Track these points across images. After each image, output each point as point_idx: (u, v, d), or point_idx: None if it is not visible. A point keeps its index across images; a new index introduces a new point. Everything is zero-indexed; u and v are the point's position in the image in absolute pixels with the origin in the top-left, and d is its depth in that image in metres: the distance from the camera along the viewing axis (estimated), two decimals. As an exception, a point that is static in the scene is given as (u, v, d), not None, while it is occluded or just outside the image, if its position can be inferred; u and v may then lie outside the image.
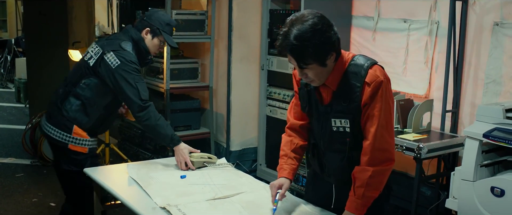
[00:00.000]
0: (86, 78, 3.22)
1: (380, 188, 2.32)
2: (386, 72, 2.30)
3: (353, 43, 4.94)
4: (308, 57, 2.16)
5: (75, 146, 3.24)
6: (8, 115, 8.42)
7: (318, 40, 2.13)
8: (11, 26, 14.90)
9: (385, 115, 2.25)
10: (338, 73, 2.28)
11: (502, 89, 3.89)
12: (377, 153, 2.27)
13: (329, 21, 2.22)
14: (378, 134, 2.25)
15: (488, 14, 3.95)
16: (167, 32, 3.28)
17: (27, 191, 5.07)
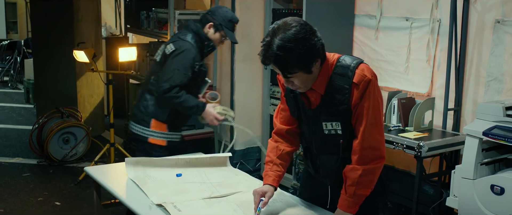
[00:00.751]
0: (155, 74, 3.53)
1: (371, 186, 2.32)
2: (372, 70, 2.29)
3: (356, 42, 4.94)
4: (293, 66, 2.13)
5: (155, 139, 3.49)
6: (17, 116, 8.50)
7: (301, 49, 2.10)
8: (22, 28, 15.03)
9: (373, 112, 2.25)
10: (324, 77, 2.26)
11: (503, 87, 3.87)
12: (367, 152, 2.27)
13: (312, 27, 2.19)
14: (367, 132, 2.25)
15: (490, 12, 3.93)
16: (229, 28, 3.54)
17: (33, 190, 5.12)
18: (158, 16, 5.61)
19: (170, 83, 3.33)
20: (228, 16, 3.53)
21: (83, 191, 5.07)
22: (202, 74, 3.55)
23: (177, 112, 3.48)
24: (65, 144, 5.94)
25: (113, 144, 5.39)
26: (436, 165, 4.26)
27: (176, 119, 3.55)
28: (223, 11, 3.56)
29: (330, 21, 4.75)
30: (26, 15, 14.03)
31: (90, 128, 6.12)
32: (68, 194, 5.03)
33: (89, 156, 5.94)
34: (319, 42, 2.18)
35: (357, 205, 2.31)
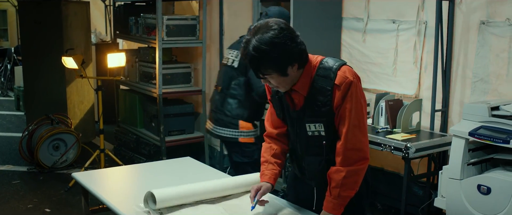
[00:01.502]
0: (235, 80, 3.78)
1: (355, 187, 2.34)
2: (355, 71, 2.31)
3: (344, 45, 4.96)
4: (266, 68, 2.19)
5: (245, 138, 3.79)
6: (8, 123, 8.47)
7: (276, 53, 2.14)
8: (12, 35, 15.00)
9: (356, 114, 2.26)
10: (307, 79, 2.28)
11: (489, 88, 3.90)
12: (350, 153, 2.29)
13: (293, 32, 2.21)
14: (350, 134, 2.27)
15: (475, 13, 3.96)
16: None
17: (23, 198, 5.10)
18: (147, 22, 5.62)
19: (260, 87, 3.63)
20: (280, 11, 3.77)
21: (73, 197, 5.06)
22: None
23: (257, 107, 3.80)
24: (55, 150, 5.93)
25: (103, 150, 5.39)
26: (425, 166, 4.28)
27: (255, 116, 3.87)
28: (275, 9, 3.81)
29: (317, 25, 4.77)
30: (16, 22, 14.00)
31: (80, 134, 6.11)
32: (58, 201, 5.02)
33: (79, 162, 5.93)
34: (298, 47, 2.20)
35: (342, 207, 2.32)
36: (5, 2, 14.50)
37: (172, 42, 5.44)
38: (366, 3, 4.71)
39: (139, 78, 5.92)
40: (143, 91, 5.76)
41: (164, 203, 2.51)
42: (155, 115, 5.58)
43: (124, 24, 6.17)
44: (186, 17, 5.51)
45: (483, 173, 3.38)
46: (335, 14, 4.91)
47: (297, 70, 2.25)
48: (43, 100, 6.84)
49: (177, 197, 2.56)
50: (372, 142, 3.92)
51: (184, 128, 5.65)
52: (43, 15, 6.72)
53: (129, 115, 6.24)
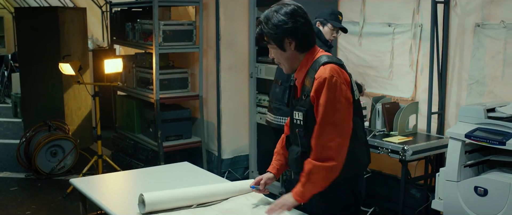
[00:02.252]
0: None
1: (319, 185, 2.37)
2: (344, 73, 2.36)
3: (340, 49, 4.98)
4: (267, 33, 2.40)
5: None
6: (5, 130, 8.46)
7: (274, 22, 2.37)
8: (9, 42, 15.02)
9: (331, 112, 2.30)
10: (304, 69, 2.42)
11: (485, 90, 3.92)
12: (319, 149, 2.34)
13: (305, 15, 2.39)
14: (321, 130, 2.33)
15: (470, 16, 3.99)
16: (333, 20, 4.20)
17: (21, 204, 5.09)
18: (143, 28, 5.64)
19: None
20: (329, 11, 4.24)
21: (71, 204, 5.06)
22: None
23: None
24: (53, 157, 5.93)
25: (101, 155, 5.39)
26: (422, 168, 4.29)
27: None
28: (324, 9, 4.25)
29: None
30: (13, 29, 14.01)
31: (77, 141, 6.11)
32: (56, 207, 5.02)
33: (77, 169, 5.92)
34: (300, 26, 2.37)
35: (305, 197, 2.40)
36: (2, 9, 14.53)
37: (169, 48, 5.45)
38: (361, 7, 4.73)
39: (136, 84, 5.93)
40: (140, 97, 5.76)
41: (154, 206, 2.53)
42: (152, 120, 5.59)
43: (121, 30, 6.18)
44: (182, 23, 5.53)
45: (479, 174, 3.39)
46: (331, 18, 4.92)
47: (295, 50, 2.40)
48: (41, 107, 6.84)
49: (167, 200, 2.59)
50: (369, 145, 3.93)
51: (182, 133, 5.65)
52: (40, 21, 6.73)
53: (126, 121, 6.24)
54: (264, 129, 5.23)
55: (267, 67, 5.07)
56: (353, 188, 2.49)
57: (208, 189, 2.75)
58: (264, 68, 5.13)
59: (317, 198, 2.46)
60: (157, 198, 2.57)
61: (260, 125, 5.27)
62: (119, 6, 6.49)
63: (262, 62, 5.16)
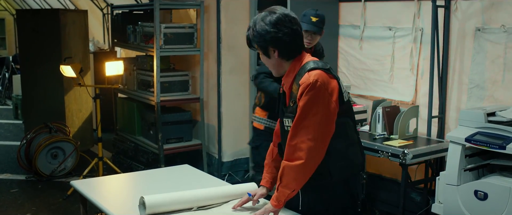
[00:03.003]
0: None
1: (291, 186, 2.38)
2: (332, 78, 2.37)
3: (341, 52, 4.99)
4: (253, 38, 2.44)
5: (256, 123, 4.00)
6: (5, 132, 8.47)
7: (258, 30, 2.40)
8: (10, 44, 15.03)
9: (308, 115, 2.32)
10: (291, 75, 2.45)
11: (486, 94, 3.93)
12: (291, 148, 2.37)
13: (286, 22, 2.38)
14: (294, 131, 2.36)
15: (470, 20, 4.00)
16: (305, 21, 3.75)
17: (21, 206, 5.10)
18: (144, 30, 5.65)
19: (257, 71, 3.87)
20: (304, 12, 3.85)
21: (71, 205, 5.06)
22: None
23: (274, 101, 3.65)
24: (53, 159, 5.93)
25: (101, 158, 5.39)
26: (422, 172, 4.30)
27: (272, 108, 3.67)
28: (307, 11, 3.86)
29: (314, 32, 4.79)
30: (14, 31, 14.03)
31: (78, 143, 6.12)
32: (57, 209, 5.02)
33: (77, 171, 5.93)
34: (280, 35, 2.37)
35: (280, 201, 2.41)
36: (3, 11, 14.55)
37: (170, 50, 5.46)
38: (362, 10, 4.74)
39: (137, 86, 5.94)
40: (141, 99, 5.77)
41: (154, 209, 2.54)
42: (153, 123, 5.60)
43: (122, 33, 6.19)
44: (183, 26, 5.54)
45: (480, 178, 3.39)
46: (332, 21, 4.93)
47: (279, 57, 2.43)
48: (41, 109, 6.84)
49: (168, 203, 2.59)
50: (369, 149, 3.95)
51: (182, 135, 5.66)
52: (41, 23, 6.74)
53: (127, 123, 6.25)
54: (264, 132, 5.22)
55: (267, 70, 5.08)
56: (350, 189, 2.52)
57: (208, 192, 2.76)
58: (264, 71, 5.13)
59: (315, 201, 2.48)
60: (158, 200, 2.58)
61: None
62: (120, 9, 6.50)
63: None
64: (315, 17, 3.81)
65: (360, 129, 4.42)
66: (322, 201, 2.48)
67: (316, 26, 3.83)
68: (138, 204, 2.60)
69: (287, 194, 2.39)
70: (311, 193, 2.45)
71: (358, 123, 4.52)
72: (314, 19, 3.80)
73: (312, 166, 2.35)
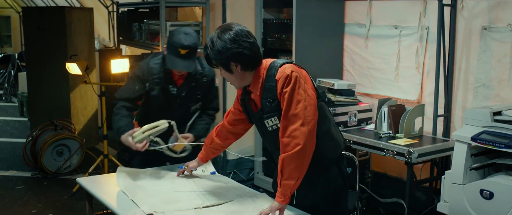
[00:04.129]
0: None
1: (294, 175, 2.44)
2: (301, 69, 2.50)
3: (346, 51, 4.98)
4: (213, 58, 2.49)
5: None
6: (11, 129, 8.50)
7: (218, 48, 2.45)
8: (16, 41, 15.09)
9: (293, 103, 2.42)
10: (258, 79, 2.52)
11: (492, 93, 3.91)
12: (286, 140, 2.44)
13: (244, 36, 2.46)
14: (285, 122, 2.44)
15: (476, 19, 3.98)
16: (171, 53, 3.11)
17: (27, 203, 5.12)
18: (150, 28, 5.65)
19: (118, 95, 3.34)
20: (171, 40, 3.12)
21: (77, 202, 5.08)
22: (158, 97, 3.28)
23: (146, 114, 3.37)
24: (59, 156, 5.95)
25: (106, 155, 5.40)
26: (427, 171, 4.29)
27: (146, 120, 3.27)
28: (174, 33, 3.15)
29: (320, 30, 4.80)
30: (20, 28, 14.08)
31: (83, 140, 6.14)
32: (62, 206, 5.04)
33: (83, 168, 5.95)
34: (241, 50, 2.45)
35: (286, 196, 2.46)
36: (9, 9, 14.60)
37: (176, 48, 5.46)
38: (368, 9, 4.73)
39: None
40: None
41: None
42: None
43: (128, 30, 6.20)
44: (189, 23, 5.54)
45: (485, 177, 3.38)
46: (337, 19, 4.94)
47: (242, 70, 2.50)
48: (47, 106, 6.87)
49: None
50: (375, 147, 3.95)
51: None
52: (47, 21, 6.76)
53: (132, 121, 6.25)
54: (269, 130, 5.23)
55: (273, 68, 5.08)
56: (341, 169, 2.65)
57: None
58: (270, 70, 5.13)
59: (311, 190, 2.57)
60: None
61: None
62: (126, 7, 6.51)
63: (268, 63, 5.16)
64: (186, 49, 3.08)
65: (365, 128, 4.41)
66: (318, 191, 2.58)
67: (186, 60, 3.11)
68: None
69: (291, 185, 2.45)
70: (306, 184, 2.51)
71: (364, 121, 4.52)
72: (184, 51, 3.08)
73: (309, 150, 2.44)
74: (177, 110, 3.33)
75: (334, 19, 4.92)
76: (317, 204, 2.60)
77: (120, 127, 3.19)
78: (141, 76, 3.26)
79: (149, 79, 3.24)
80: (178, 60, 3.10)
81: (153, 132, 3.09)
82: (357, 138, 4.12)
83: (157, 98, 3.28)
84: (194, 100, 3.37)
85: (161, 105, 3.29)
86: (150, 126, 3.10)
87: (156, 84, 3.26)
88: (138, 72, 3.29)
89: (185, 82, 3.30)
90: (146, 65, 3.29)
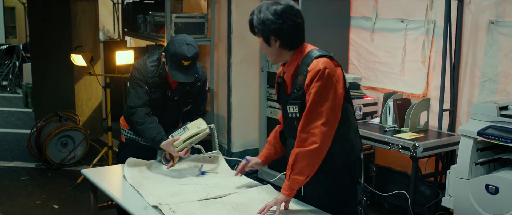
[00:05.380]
0: None
1: (305, 172, 2.41)
2: (337, 66, 2.44)
3: (352, 44, 4.97)
4: (256, 24, 2.45)
5: (121, 134, 3.56)
6: (16, 120, 8.52)
7: (262, 18, 2.41)
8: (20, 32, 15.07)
9: (319, 100, 2.37)
10: (294, 64, 2.47)
11: (498, 87, 3.89)
12: (304, 135, 2.40)
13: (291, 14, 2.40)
14: (308, 118, 2.39)
15: (484, 13, 3.96)
16: (173, 64, 3.05)
17: (31, 194, 5.13)
18: (155, 20, 5.64)
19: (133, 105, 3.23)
20: (173, 50, 3.03)
21: (81, 194, 5.09)
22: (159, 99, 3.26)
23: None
24: (63, 147, 5.96)
25: (111, 147, 5.40)
26: (432, 165, 4.28)
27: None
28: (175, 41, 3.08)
29: (326, 23, 4.78)
30: (24, 19, 14.06)
31: (88, 131, 6.14)
32: (66, 197, 5.05)
33: (87, 159, 5.95)
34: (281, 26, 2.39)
35: (292, 190, 2.44)
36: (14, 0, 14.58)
37: (180, 40, 5.45)
38: (374, 2, 4.71)
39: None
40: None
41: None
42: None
43: (133, 22, 6.19)
44: (194, 15, 5.53)
45: (491, 172, 3.37)
46: (343, 13, 4.92)
47: (280, 47, 2.45)
48: (52, 98, 6.87)
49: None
50: (380, 141, 3.94)
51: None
52: (52, 12, 6.75)
53: (136, 113, 6.25)
54: (274, 123, 5.21)
55: (278, 61, 5.06)
56: (351, 173, 2.60)
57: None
58: (275, 63, 5.12)
59: (317, 185, 2.53)
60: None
61: (270, 119, 5.27)
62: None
63: (273, 56, 5.14)
64: (189, 60, 3.02)
65: (370, 122, 4.40)
66: (324, 187, 2.54)
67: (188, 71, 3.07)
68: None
69: (300, 181, 2.43)
70: (313, 179, 2.48)
71: (369, 115, 4.50)
72: (187, 62, 3.02)
73: (325, 150, 2.41)
74: (169, 112, 3.33)
75: (340, 12, 4.90)
76: (321, 200, 2.57)
77: (155, 136, 3.10)
78: (143, 78, 3.22)
79: (149, 81, 3.22)
80: (180, 73, 3.05)
81: (193, 140, 3.11)
82: (362, 131, 4.09)
83: (157, 100, 3.25)
84: (186, 103, 3.36)
85: (156, 107, 3.26)
86: (190, 133, 3.09)
87: (155, 87, 3.23)
88: (140, 75, 3.22)
89: (179, 86, 3.27)
90: (144, 67, 3.23)
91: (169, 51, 3.06)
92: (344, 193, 2.59)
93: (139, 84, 3.22)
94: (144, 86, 3.21)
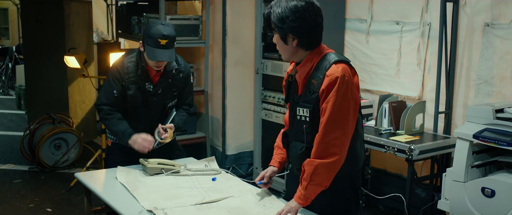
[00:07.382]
0: None
1: (323, 183, 2.37)
2: (354, 74, 2.37)
3: (347, 46, 4.95)
4: (272, 22, 2.35)
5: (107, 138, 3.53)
6: (8, 122, 8.46)
7: (281, 14, 2.30)
8: (13, 34, 14.99)
9: (339, 110, 2.30)
10: (308, 65, 2.38)
11: (493, 90, 3.89)
12: (323, 145, 2.33)
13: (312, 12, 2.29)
14: (328, 128, 2.31)
15: (479, 15, 3.95)
16: (150, 45, 3.05)
17: (24, 197, 5.09)
18: (149, 22, 5.60)
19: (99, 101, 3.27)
20: (149, 32, 3.07)
21: (74, 197, 5.05)
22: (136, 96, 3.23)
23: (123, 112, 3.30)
24: (56, 150, 5.91)
25: (104, 149, 5.37)
26: (428, 168, 4.27)
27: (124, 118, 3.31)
28: (149, 25, 3.12)
29: (321, 25, 4.76)
30: (17, 21, 13.99)
31: (81, 134, 6.10)
32: (60, 200, 5.01)
33: (80, 162, 5.91)
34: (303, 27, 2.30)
35: (308, 199, 2.39)
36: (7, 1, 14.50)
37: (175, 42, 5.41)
38: (369, 4, 4.70)
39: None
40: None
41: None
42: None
43: (127, 24, 6.16)
44: (189, 17, 5.50)
45: (487, 175, 3.37)
46: (338, 15, 4.90)
47: (297, 46, 2.36)
48: (45, 100, 6.83)
49: None
50: (375, 144, 3.93)
51: (186, 128, 5.63)
52: (45, 14, 6.71)
53: (130, 115, 6.22)
54: (268, 125, 5.21)
55: (273, 63, 5.04)
56: (354, 183, 2.54)
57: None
58: (270, 65, 5.10)
59: (320, 194, 2.47)
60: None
61: (265, 121, 5.25)
62: (125, 0, 6.47)
63: (268, 58, 5.13)
64: (166, 38, 3.04)
65: (365, 124, 4.39)
66: (326, 195, 2.47)
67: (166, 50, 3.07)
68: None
69: (318, 192, 2.38)
70: None
71: (364, 118, 4.49)
72: (164, 41, 3.04)
73: (343, 159, 2.36)
74: (154, 107, 3.30)
75: (335, 14, 4.88)
76: (324, 209, 2.52)
77: (123, 130, 3.17)
78: (118, 77, 3.20)
79: (125, 78, 3.19)
80: (158, 51, 3.05)
81: (165, 168, 3.07)
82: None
83: (135, 97, 3.22)
84: (170, 97, 3.32)
85: (138, 104, 3.24)
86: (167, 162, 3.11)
87: (132, 83, 3.19)
88: (114, 74, 3.21)
89: (161, 79, 3.25)
90: (121, 65, 3.22)
91: (146, 34, 3.09)
92: (346, 203, 2.53)
93: (111, 84, 3.22)
94: (117, 86, 3.20)
